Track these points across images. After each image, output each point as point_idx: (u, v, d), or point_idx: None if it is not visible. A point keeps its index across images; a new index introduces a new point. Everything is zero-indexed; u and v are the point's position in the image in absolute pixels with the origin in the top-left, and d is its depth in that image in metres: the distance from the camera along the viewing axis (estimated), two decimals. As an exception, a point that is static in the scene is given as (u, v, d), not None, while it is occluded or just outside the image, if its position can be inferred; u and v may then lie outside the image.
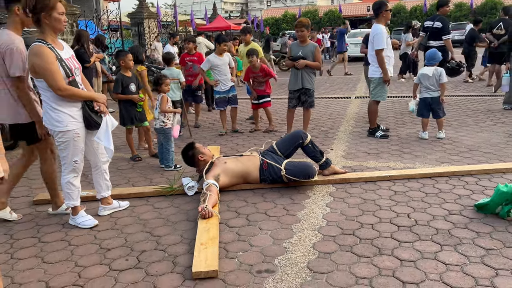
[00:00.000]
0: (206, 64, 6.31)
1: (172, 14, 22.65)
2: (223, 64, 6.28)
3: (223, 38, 6.37)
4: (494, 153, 4.80)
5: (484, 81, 10.32)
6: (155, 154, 5.24)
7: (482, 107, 7.47)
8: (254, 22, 30.47)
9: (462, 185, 3.85)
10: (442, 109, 5.52)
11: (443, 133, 5.56)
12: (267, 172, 3.90)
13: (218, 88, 6.36)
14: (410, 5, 33.27)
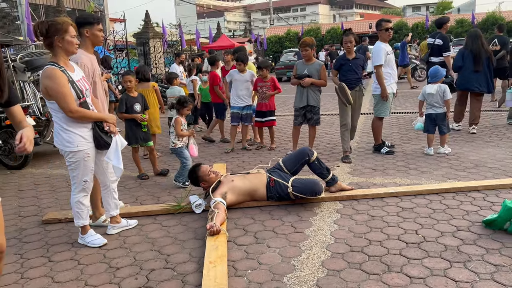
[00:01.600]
0: (228, 77, 6.61)
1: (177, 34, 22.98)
2: (242, 80, 6.39)
3: (242, 58, 6.46)
4: (500, 168, 4.80)
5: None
6: (160, 173, 5.29)
7: (487, 122, 7.48)
8: (258, 41, 30.85)
9: (470, 201, 3.85)
10: (446, 125, 5.55)
11: (446, 148, 5.59)
12: (274, 190, 3.92)
13: (232, 102, 6.48)
14: (412, 21, 33.60)
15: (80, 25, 3.44)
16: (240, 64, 6.36)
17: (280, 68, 21.66)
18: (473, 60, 6.70)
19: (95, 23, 3.51)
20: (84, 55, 3.47)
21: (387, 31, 5.61)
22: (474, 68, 6.69)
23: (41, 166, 6.24)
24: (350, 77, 5.43)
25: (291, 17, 76.43)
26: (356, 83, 5.48)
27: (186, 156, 4.80)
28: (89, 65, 3.48)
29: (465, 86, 6.84)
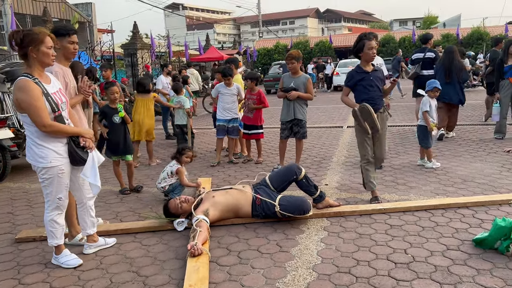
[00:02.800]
0: (214, 91, 6.53)
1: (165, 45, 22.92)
2: (229, 94, 6.32)
3: (228, 72, 6.36)
4: (489, 184, 4.75)
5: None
6: (134, 188, 5.14)
7: (474, 137, 7.48)
8: (247, 53, 30.93)
9: (459, 218, 3.77)
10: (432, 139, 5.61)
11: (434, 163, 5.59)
12: (260, 208, 3.79)
13: (218, 115, 6.39)
14: (399, 35, 34.07)
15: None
16: (228, 79, 6.27)
17: (268, 80, 21.68)
18: (444, 73, 7.17)
19: (66, 35, 3.38)
20: (58, 66, 3.35)
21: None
22: (445, 80, 7.04)
23: (19, 180, 6.02)
24: (373, 94, 4.17)
25: (280, 30, 77.06)
26: (380, 102, 4.25)
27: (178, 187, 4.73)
28: (62, 76, 3.34)
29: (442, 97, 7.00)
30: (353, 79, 4.26)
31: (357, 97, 4.25)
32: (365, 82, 4.19)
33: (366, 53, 4.14)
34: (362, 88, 4.21)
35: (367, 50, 4.12)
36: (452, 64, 7.15)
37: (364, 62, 4.23)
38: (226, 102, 6.29)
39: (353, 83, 4.26)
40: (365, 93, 4.18)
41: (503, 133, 7.16)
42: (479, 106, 10.89)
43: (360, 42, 4.16)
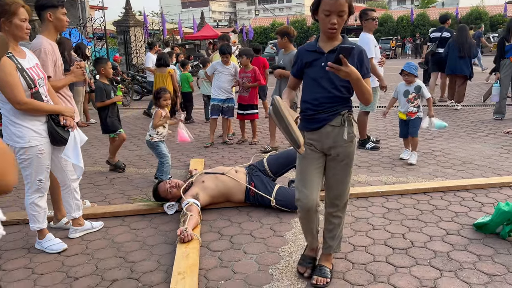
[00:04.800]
0: (210, 69, 6.29)
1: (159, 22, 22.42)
2: (226, 73, 6.08)
3: (227, 50, 6.13)
4: (488, 166, 4.63)
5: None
6: (114, 164, 5.11)
7: (473, 117, 7.35)
8: (243, 31, 30.40)
9: (458, 201, 3.65)
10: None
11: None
12: (253, 199, 3.62)
13: (213, 94, 6.18)
14: (397, 14, 33.55)
15: (42, 8, 3.10)
16: (227, 56, 6.03)
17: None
18: (458, 48, 7.98)
19: (59, 6, 3.14)
20: (47, 41, 3.12)
21: (373, 21, 5.37)
22: (458, 55, 7.98)
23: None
24: (320, 94, 2.29)
25: (277, 8, 75.83)
26: (335, 108, 2.29)
27: (161, 152, 4.47)
28: (51, 52, 3.13)
29: (451, 70, 8.20)
30: (299, 62, 2.39)
31: (302, 94, 2.41)
32: (313, 71, 2.29)
33: (320, 19, 2.21)
34: (306, 80, 2.37)
35: (321, 13, 2.18)
36: (465, 41, 7.96)
37: (322, 34, 2.31)
38: (222, 81, 6.07)
39: (297, 69, 2.40)
40: (309, 89, 2.34)
41: (503, 114, 7.02)
42: (477, 86, 10.73)
43: None
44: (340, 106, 2.29)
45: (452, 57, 8.13)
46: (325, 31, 2.21)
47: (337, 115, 2.28)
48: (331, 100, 2.26)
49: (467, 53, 7.98)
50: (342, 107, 2.29)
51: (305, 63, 2.33)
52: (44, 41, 3.09)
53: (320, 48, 2.27)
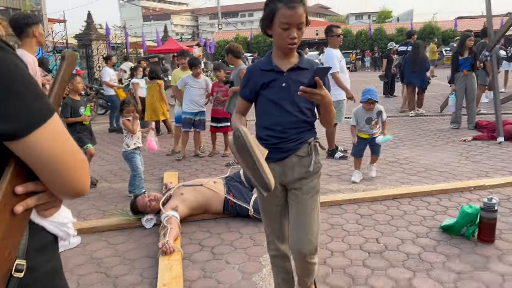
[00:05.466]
0: (180, 82, 6.24)
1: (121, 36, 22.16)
2: (197, 86, 6.11)
3: (195, 62, 6.21)
4: (450, 172, 4.93)
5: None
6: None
7: (432, 127, 7.76)
8: (206, 45, 30.53)
9: (425, 206, 3.88)
10: None
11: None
12: (232, 209, 3.70)
13: (185, 107, 6.19)
14: (356, 29, 34.82)
15: (27, 25, 3.24)
16: (197, 67, 6.11)
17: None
18: (411, 63, 8.83)
19: (39, 22, 3.36)
20: (28, 55, 3.24)
21: (338, 37, 5.64)
22: (411, 69, 8.86)
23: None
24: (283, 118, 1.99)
25: (239, 22, 76.73)
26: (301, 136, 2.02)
27: (135, 164, 4.45)
28: (32, 67, 3.17)
29: (407, 81, 9.18)
30: (251, 83, 2.03)
31: (257, 119, 2.09)
32: (272, 92, 1.98)
33: (277, 34, 1.90)
34: (264, 104, 2.01)
35: (278, 26, 1.87)
36: (417, 56, 8.80)
37: (276, 50, 2.00)
38: (194, 95, 6.11)
39: (250, 91, 2.04)
40: (269, 113, 2.00)
41: (459, 123, 7.47)
42: (434, 98, 11.31)
43: (268, 6, 1.91)
44: (306, 132, 2.00)
45: (407, 71, 9.06)
46: (284, 46, 1.90)
47: (304, 143, 1.98)
48: (296, 125, 1.96)
49: (419, 67, 8.77)
50: (308, 133, 2.00)
51: (260, 84, 1.97)
52: (26, 54, 3.15)
53: (278, 66, 1.95)
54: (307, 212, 2.00)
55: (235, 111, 2.16)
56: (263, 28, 1.95)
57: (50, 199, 0.90)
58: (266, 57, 2.03)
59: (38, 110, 0.81)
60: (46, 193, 0.88)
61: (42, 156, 0.81)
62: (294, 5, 1.79)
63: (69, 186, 0.86)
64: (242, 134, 1.69)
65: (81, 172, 0.87)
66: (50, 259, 0.95)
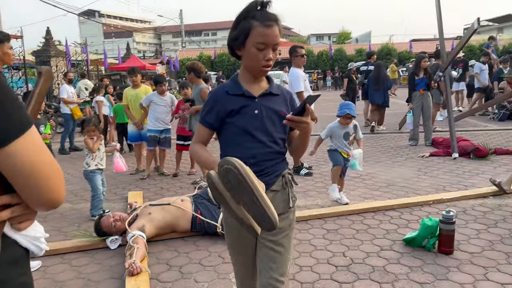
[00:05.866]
0: (145, 100, 6.14)
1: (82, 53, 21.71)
2: (162, 104, 6.05)
3: (160, 79, 6.17)
4: (409, 187, 5.12)
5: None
6: None
7: (392, 144, 8.07)
8: (170, 63, 30.42)
9: (388, 220, 4.01)
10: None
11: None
12: (200, 226, 3.67)
13: (150, 125, 6.12)
14: (317, 49, 35.85)
15: None
16: (162, 85, 6.07)
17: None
18: (374, 82, 9.44)
19: (6, 41, 3.20)
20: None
21: (302, 57, 5.81)
22: (374, 88, 9.44)
23: None
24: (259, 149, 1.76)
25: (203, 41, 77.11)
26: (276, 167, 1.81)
27: (94, 185, 4.34)
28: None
29: (371, 99, 9.67)
30: (217, 109, 1.78)
31: (223, 150, 1.84)
32: (244, 120, 1.76)
33: (251, 55, 1.71)
34: (234, 133, 1.78)
35: (252, 46, 1.68)
36: (380, 75, 9.47)
37: (245, 72, 1.79)
38: (159, 112, 6.06)
39: (216, 118, 1.79)
40: (240, 143, 1.77)
41: (417, 140, 7.80)
42: (394, 115, 11.76)
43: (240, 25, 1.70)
44: (280, 163, 1.81)
45: (370, 89, 9.63)
46: (257, 69, 1.72)
47: (279, 176, 1.79)
48: (271, 157, 1.77)
49: (381, 86, 9.40)
50: (281, 164, 1.82)
51: (229, 111, 1.73)
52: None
53: (248, 91, 1.75)
54: (281, 253, 1.78)
55: (194, 142, 1.83)
56: (233, 49, 1.75)
57: (25, 212, 0.89)
58: (233, 81, 1.80)
59: (19, 120, 0.82)
60: (21, 206, 0.88)
61: (21, 165, 0.82)
62: (270, 24, 1.65)
63: (46, 196, 0.87)
64: (237, 166, 1.45)
65: (58, 182, 0.88)
66: (22, 273, 0.94)
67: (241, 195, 1.49)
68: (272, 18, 1.66)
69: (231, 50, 1.77)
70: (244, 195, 1.47)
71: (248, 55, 1.70)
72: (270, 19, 1.65)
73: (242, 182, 1.45)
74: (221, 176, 1.50)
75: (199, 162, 1.98)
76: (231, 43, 1.73)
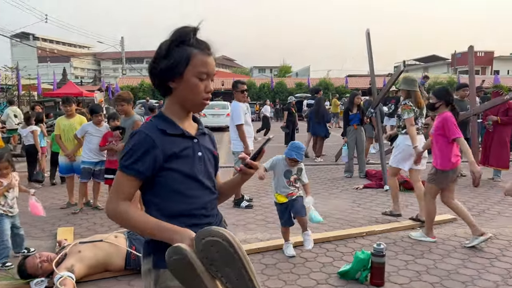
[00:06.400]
0: (80, 131, 5.88)
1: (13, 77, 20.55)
2: (98, 135, 5.81)
3: (96, 109, 5.95)
4: (344, 218, 5.31)
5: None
6: None
7: (328, 175, 8.36)
8: (109, 90, 29.62)
9: (324, 253, 4.11)
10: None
11: None
12: (135, 263, 3.53)
13: (84, 157, 5.85)
14: (259, 82, 36.80)
15: None
16: (99, 115, 5.87)
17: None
18: (315, 115, 10.25)
19: None
20: None
21: (242, 93, 5.96)
22: (315, 120, 10.21)
23: None
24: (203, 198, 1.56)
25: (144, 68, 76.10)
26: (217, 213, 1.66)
27: (1, 229, 3.89)
28: None
29: (312, 132, 10.44)
30: (153, 153, 1.46)
31: (161, 204, 1.50)
32: (186, 164, 1.52)
33: (191, 85, 1.52)
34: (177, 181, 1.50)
35: (192, 76, 1.51)
36: (320, 109, 10.30)
37: (178, 108, 1.58)
38: (94, 144, 5.82)
39: (151, 164, 1.46)
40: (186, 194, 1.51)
41: (351, 172, 8.16)
42: (331, 148, 12.25)
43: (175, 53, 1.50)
44: (218, 212, 1.66)
45: (312, 122, 10.44)
46: (198, 102, 1.53)
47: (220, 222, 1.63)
48: (215, 205, 1.63)
49: (321, 118, 10.23)
50: (219, 213, 1.67)
51: (169, 154, 1.46)
52: None
53: (187, 131, 1.54)
54: None
55: (119, 200, 1.43)
56: (165, 80, 1.51)
57: None
58: (163, 119, 1.53)
59: None
60: None
61: None
62: (210, 52, 1.54)
63: None
64: (229, 238, 1.29)
65: None
66: None
67: (224, 269, 1.31)
68: (209, 47, 1.54)
69: (159, 82, 1.53)
70: (229, 269, 1.31)
71: (188, 87, 1.50)
72: (209, 48, 1.54)
73: (232, 255, 1.29)
74: (201, 250, 1.27)
75: (140, 230, 1.44)
76: (163, 74, 1.50)
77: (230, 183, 1.74)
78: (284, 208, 4.04)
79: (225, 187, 1.73)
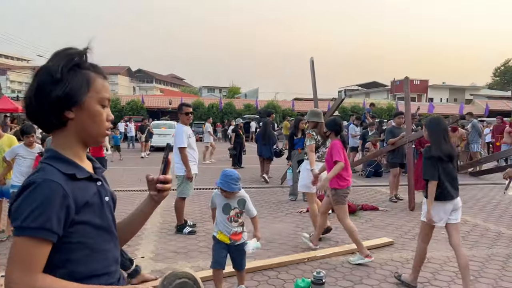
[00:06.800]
0: (10, 153, 5.50)
1: None
2: (30, 157, 5.47)
3: (28, 130, 5.57)
4: (287, 244, 5.35)
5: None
6: None
7: (273, 198, 8.42)
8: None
9: (266, 280, 4.09)
10: None
11: None
12: None
13: (14, 180, 5.46)
14: (208, 102, 36.78)
15: None
16: (31, 136, 5.53)
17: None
18: (262, 137, 10.97)
19: None
20: None
21: (187, 115, 5.91)
22: (262, 142, 10.91)
23: None
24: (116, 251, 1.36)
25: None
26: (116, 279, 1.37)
27: None
28: None
29: (259, 153, 11.09)
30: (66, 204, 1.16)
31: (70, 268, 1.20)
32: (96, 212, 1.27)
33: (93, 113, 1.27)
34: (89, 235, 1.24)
35: (95, 103, 1.28)
36: (266, 132, 11.04)
37: (76, 144, 1.29)
38: (26, 166, 5.47)
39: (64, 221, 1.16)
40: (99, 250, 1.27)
41: (296, 195, 8.29)
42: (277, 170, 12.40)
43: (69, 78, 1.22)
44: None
45: (259, 144, 11.13)
46: (102, 133, 1.32)
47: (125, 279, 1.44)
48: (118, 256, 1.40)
49: (267, 141, 10.91)
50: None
51: (82, 204, 1.21)
52: None
53: (89, 171, 1.31)
54: None
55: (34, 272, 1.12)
56: (60, 110, 1.22)
57: None
58: (62, 160, 1.24)
59: None
60: None
61: None
62: (107, 77, 1.34)
63: None
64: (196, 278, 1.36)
65: None
66: None
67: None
68: (103, 70, 1.33)
69: (52, 112, 1.21)
70: None
71: (90, 116, 1.26)
72: (103, 71, 1.32)
73: None
74: None
75: None
76: (60, 102, 1.20)
77: (138, 214, 1.50)
78: (222, 248, 3.55)
79: (132, 222, 1.51)
